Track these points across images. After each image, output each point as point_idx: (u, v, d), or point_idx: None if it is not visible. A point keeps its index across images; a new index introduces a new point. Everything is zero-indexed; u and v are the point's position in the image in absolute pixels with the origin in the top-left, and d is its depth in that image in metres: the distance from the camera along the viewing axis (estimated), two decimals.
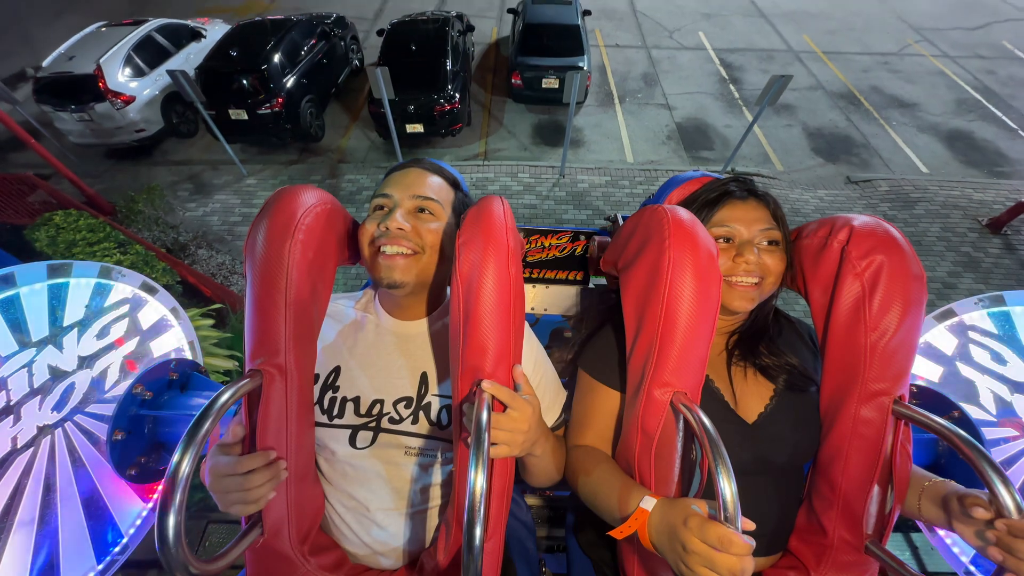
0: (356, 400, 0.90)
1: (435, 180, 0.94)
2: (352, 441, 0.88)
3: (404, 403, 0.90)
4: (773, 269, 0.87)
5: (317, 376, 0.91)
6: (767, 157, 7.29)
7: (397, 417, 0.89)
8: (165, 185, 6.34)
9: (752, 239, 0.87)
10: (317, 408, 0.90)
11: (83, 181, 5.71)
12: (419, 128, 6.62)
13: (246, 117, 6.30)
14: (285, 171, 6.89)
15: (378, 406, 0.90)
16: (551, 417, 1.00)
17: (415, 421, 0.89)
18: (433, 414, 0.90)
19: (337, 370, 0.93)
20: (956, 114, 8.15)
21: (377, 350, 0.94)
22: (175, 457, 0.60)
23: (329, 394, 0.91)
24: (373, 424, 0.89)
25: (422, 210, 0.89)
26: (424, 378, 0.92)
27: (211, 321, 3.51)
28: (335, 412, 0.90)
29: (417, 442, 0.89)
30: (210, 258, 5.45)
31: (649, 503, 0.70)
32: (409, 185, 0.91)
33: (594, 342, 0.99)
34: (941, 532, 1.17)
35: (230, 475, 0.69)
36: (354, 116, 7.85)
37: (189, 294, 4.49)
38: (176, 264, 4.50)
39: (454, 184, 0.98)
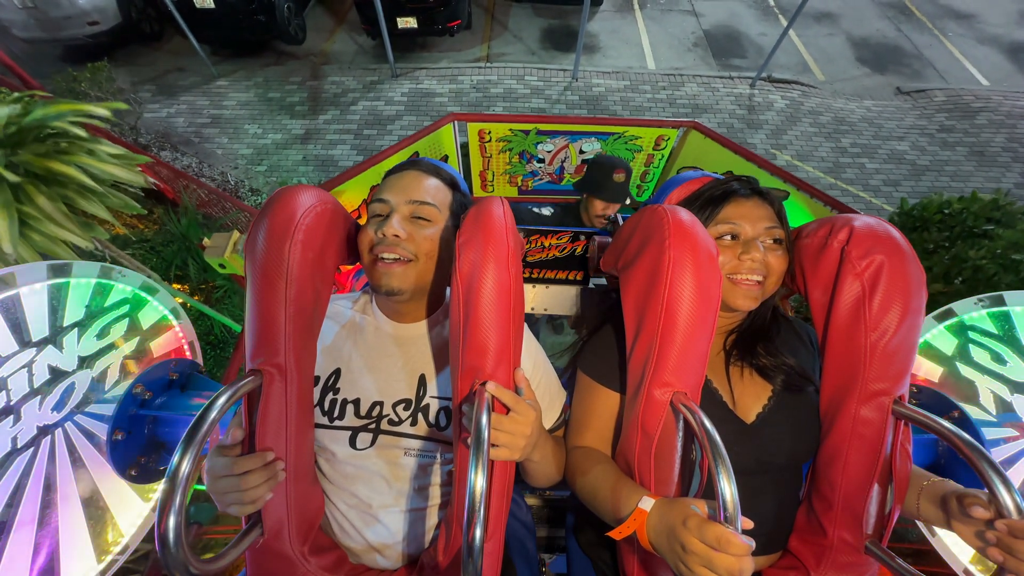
0: (356, 402, 0.90)
1: (431, 182, 0.94)
2: (352, 442, 0.89)
3: (403, 405, 0.90)
4: (776, 268, 0.87)
5: (317, 378, 0.92)
6: (806, 66, 6.73)
7: (396, 419, 0.89)
8: (126, 85, 5.47)
9: (757, 236, 0.87)
10: (317, 409, 0.90)
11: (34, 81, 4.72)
12: (412, 23, 5.91)
13: (213, 5, 5.58)
14: (261, 72, 6.12)
15: (378, 408, 0.90)
16: (551, 418, 1.00)
17: (414, 423, 0.89)
18: (432, 416, 0.90)
19: (337, 372, 0.93)
20: (1020, 25, 7.51)
21: (377, 352, 0.94)
22: (175, 457, 0.60)
23: (330, 396, 0.91)
24: (373, 426, 0.89)
25: (418, 216, 0.89)
26: (422, 380, 0.92)
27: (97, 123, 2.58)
28: (335, 414, 0.90)
29: (416, 443, 0.89)
30: (174, 160, 4.85)
31: (647, 503, 0.70)
32: (405, 189, 0.91)
33: (593, 343, 0.99)
34: (940, 532, 1.16)
35: (227, 476, 0.70)
36: (339, 19, 7.07)
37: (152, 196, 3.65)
38: (136, 152, 3.64)
39: (452, 184, 0.98)
